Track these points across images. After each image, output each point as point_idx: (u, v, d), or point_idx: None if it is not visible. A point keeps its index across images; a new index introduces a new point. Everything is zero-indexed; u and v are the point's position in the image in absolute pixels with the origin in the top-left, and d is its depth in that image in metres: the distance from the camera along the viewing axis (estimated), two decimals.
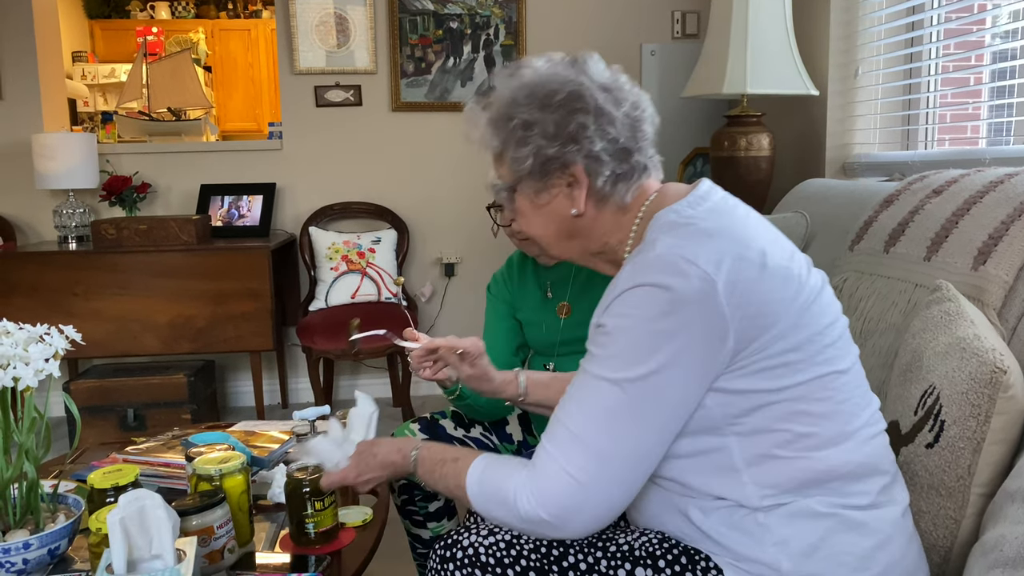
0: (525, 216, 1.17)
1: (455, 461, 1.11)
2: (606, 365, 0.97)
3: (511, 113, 1.10)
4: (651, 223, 1.06)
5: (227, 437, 1.62)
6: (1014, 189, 1.42)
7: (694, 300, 0.93)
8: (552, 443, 0.99)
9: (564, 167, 1.08)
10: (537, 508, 0.98)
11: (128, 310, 3.24)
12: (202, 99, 4.92)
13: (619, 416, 0.96)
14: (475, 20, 3.81)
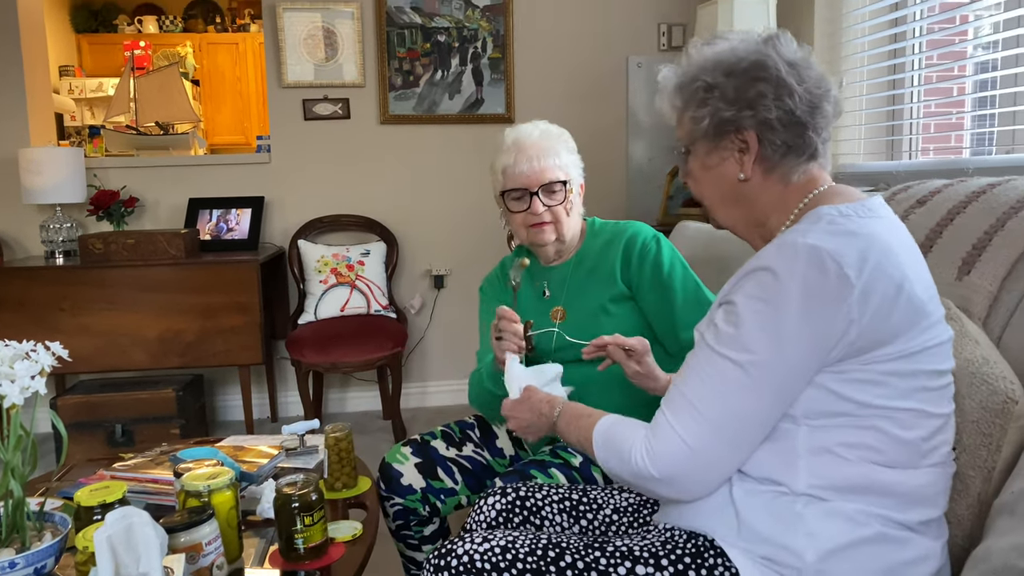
0: (696, 178, 1.22)
1: (589, 417, 1.22)
2: (731, 343, 1.02)
3: (697, 76, 1.15)
4: (811, 212, 1.07)
5: (216, 452, 1.61)
6: (996, 199, 1.44)
7: (828, 297, 0.97)
8: (671, 410, 1.05)
9: (738, 131, 1.12)
10: (648, 466, 1.04)
11: (116, 325, 3.22)
12: (190, 113, 4.92)
13: (735, 392, 1.01)
14: (462, 33, 3.82)
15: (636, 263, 1.70)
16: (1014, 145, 2.21)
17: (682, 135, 1.20)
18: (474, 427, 1.87)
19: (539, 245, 1.75)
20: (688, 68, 1.17)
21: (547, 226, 1.71)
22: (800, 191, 1.13)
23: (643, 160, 4.01)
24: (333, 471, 1.66)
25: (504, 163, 1.73)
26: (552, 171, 1.70)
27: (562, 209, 1.71)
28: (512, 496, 1.33)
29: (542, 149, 1.71)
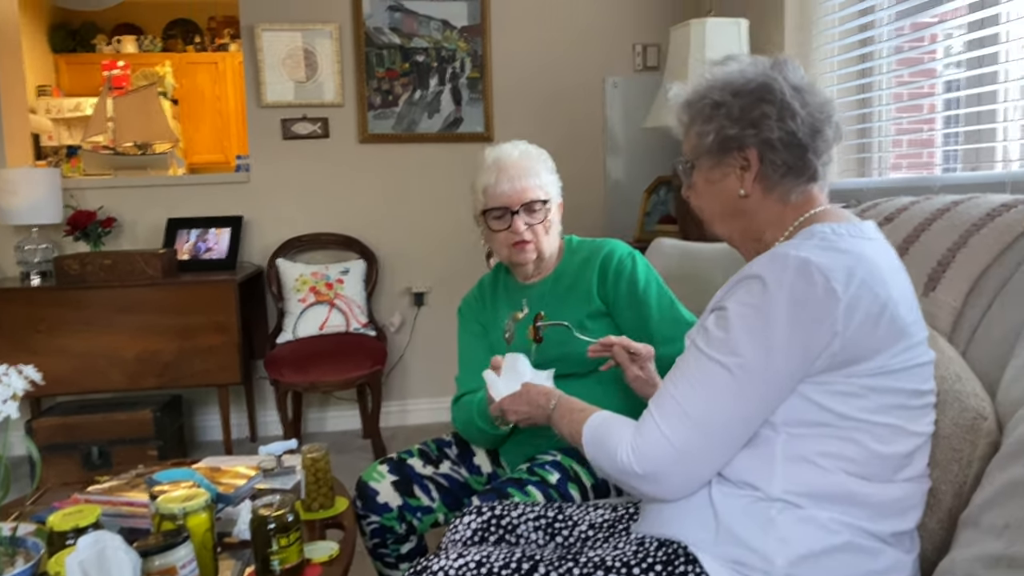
0: (698, 191, 1.26)
1: (581, 412, 1.27)
2: (720, 348, 1.05)
3: (705, 94, 1.19)
4: (805, 229, 1.12)
5: (192, 474, 1.61)
6: (959, 217, 1.47)
7: (815, 308, 1.00)
8: (658, 409, 1.09)
9: (740, 148, 1.16)
10: (633, 463, 1.08)
11: (93, 346, 3.20)
12: (168, 133, 4.91)
13: (721, 395, 1.05)
14: (441, 54, 3.85)
15: (612, 280, 1.72)
16: (979, 163, 2.26)
17: (687, 149, 1.25)
18: (451, 445, 1.87)
19: (519, 264, 1.77)
20: (698, 86, 1.21)
21: (528, 245, 1.73)
22: (797, 210, 1.17)
23: (620, 177, 4.04)
24: (310, 491, 1.66)
25: (485, 182, 1.74)
26: (533, 190, 1.72)
27: (542, 228, 1.74)
28: (488, 514, 1.34)
29: (523, 169, 1.73)
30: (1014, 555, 0.85)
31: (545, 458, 1.68)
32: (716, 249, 2.31)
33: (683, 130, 1.25)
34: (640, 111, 3.80)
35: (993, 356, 1.26)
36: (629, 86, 4.00)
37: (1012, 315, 1.26)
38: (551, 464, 1.65)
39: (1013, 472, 0.91)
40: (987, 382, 1.20)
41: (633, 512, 1.36)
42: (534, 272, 1.80)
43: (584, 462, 1.69)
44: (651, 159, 3.99)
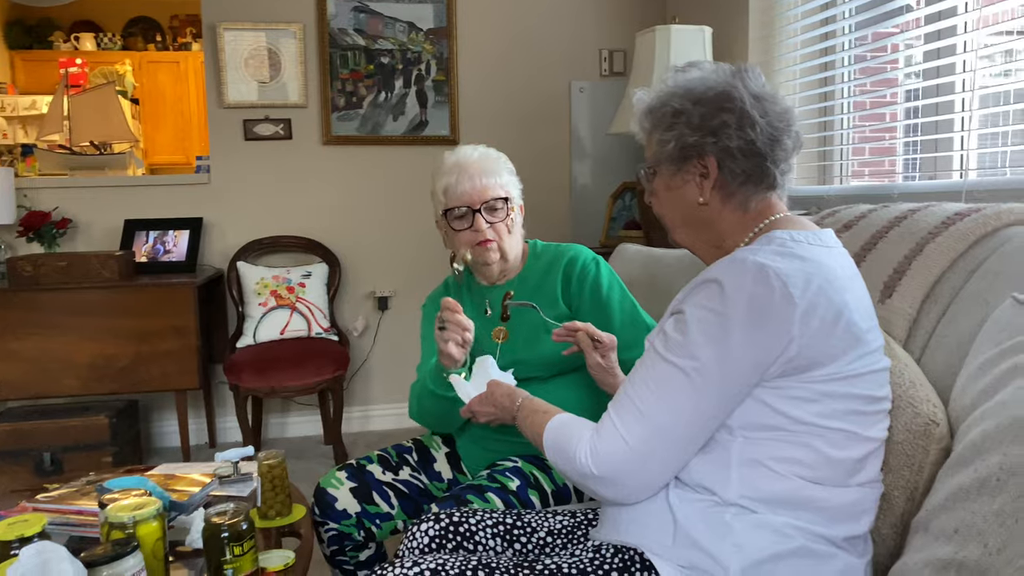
0: (659, 197, 1.27)
1: (544, 413, 1.26)
2: (677, 350, 1.06)
3: (667, 101, 1.20)
4: (764, 236, 1.13)
5: (144, 482, 1.57)
6: (916, 225, 1.49)
7: (771, 313, 1.01)
8: (616, 412, 1.10)
9: (699, 156, 1.17)
10: (591, 465, 1.09)
11: (46, 350, 3.13)
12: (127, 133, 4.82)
13: (678, 397, 1.05)
14: (406, 56, 3.83)
15: (576, 284, 1.73)
16: (937, 171, 2.30)
17: (649, 156, 1.25)
18: (412, 451, 1.85)
19: (484, 264, 1.75)
20: (660, 93, 1.22)
21: (491, 244, 1.72)
22: (757, 218, 1.18)
23: (586, 183, 4.05)
24: (266, 499, 1.63)
25: (446, 183, 1.74)
26: (494, 189, 1.73)
27: (503, 227, 1.74)
28: (445, 522, 1.33)
29: (483, 169, 1.73)
30: (963, 560, 0.86)
31: (505, 464, 1.68)
32: (679, 255, 2.32)
33: (645, 136, 1.26)
34: (606, 116, 3.81)
35: (947, 363, 1.27)
36: (595, 91, 4.01)
37: (965, 322, 1.28)
38: (511, 471, 1.64)
39: (963, 478, 0.92)
40: (940, 388, 1.22)
41: (592, 519, 1.36)
42: (499, 274, 1.79)
43: (545, 468, 1.68)
44: (617, 165, 4.00)
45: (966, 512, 0.89)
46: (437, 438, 1.91)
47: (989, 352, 1.05)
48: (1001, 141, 2.15)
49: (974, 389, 1.00)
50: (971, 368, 1.10)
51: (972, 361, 1.11)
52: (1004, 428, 0.89)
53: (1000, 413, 0.91)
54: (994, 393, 0.95)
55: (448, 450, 1.87)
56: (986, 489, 0.87)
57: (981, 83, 2.08)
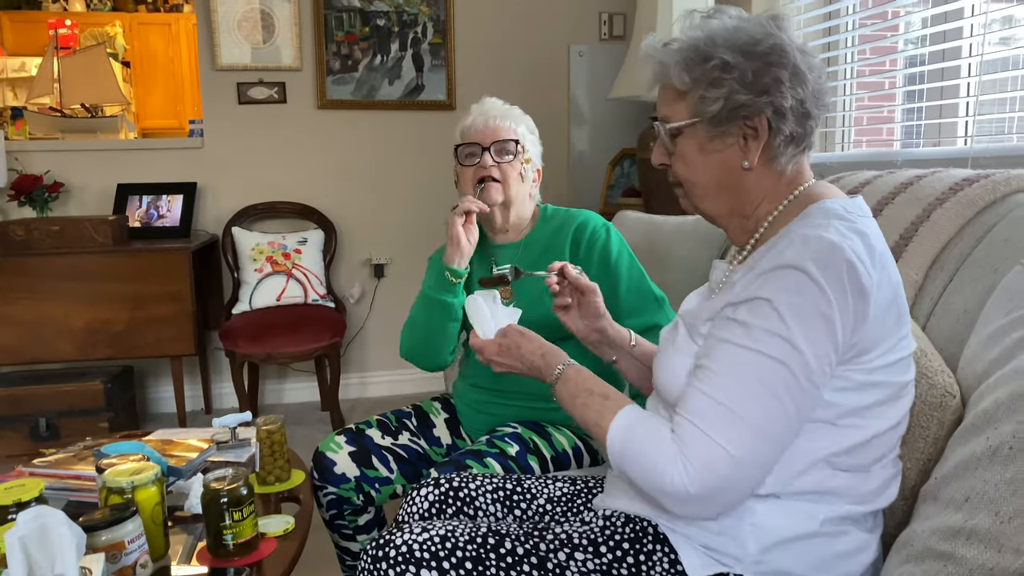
0: (686, 160, 1.12)
1: (604, 398, 1.10)
2: (772, 341, 0.95)
3: (710, 53, 1.05)
4: (815, 208, 1.05)
5: (142, 447, 1.56)
6: (922, 191, 1.47)
7: (853, 296, 0.95)
8: (699, 417, 0.97)
9: (749, 117, 1.06)
10: (687, 484, 0.95)
11: (40, 315, 3.10)
12: (118, 95, 4.75)
13: (780, 391, 0.95)
14: (402, 18, 3.77)
15: (585, 248, 1.72)
16: (940, 138, 2.27)
17: (675, 113, 1.10)
18: (411, 416, 1.85)
19: (486, 204, 1.74)
20: (697, 42, 1.07)
21: (495, 184, 1.71)
22: (791, 183, 1.11)
23: (585, 149, 4.01)
24: (265, 464, 1.63)
25: (464, 123, 1.79)
26: (506, 131, 1.75)
27: (511, 169, 1.73)
28: (445, 487, 1.32)
29: (503, 114, 1.77)
30: (973, 528, 0.85)
31: (505, 430, 1.67)
32: (679, 222, 2.30)
33: (674, 93, 1.10)
34: (606, 81, 3.76)
35: (953, 330, 1.26)
36: (595, 55, 3.96)
37: (972, 289, 1.27)
38: (511, 436, 1.64)
39: (974, 446, 0.91)
40: (946, 356, 1.21)
41: (593, 486, 1.35)
42: (502, 224, 1.79)
43: (544, 434, 1.68)
44: (616, 131, 3.96)
45: (977, 480, 0.88)
46: (436, 403, 1.90)
47: (1000, 320, 1.03)
48: (1009, 108, 2.12)
49: (985, 358, 0.98)
50: (981, 337, 1.09)
51: (982, 330, 1.10)
52: (1017, 396, 0.88)
53: (1012, 381, 0.90)
54: (1006, 362, 0.94)
55: (447, 416, 1.87)
56: (998, 457, 0.86)
57: (987, 49, 2.05)
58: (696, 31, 1.08)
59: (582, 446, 1.72)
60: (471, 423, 1.81)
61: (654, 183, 3.04)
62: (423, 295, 1.74)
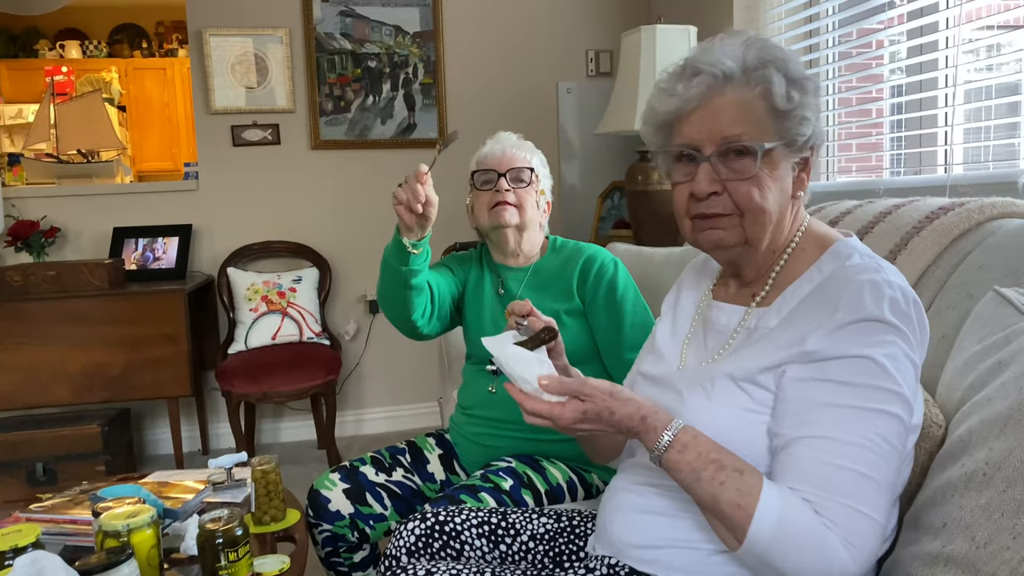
0: (762, 185, 1.03)
1: (739, 473, 0.95)
2: (880, 398, 0.92)
3: (804, 75, 1.03)
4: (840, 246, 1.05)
5: (138, 490, 1.57)
6: (900, 219, 1.50)
7: (923, 330, 0.98)
8: (844, 493, 0.91)
9: (813, 147, 1.06)
10: (850, 565, 0.90)
11: (37, 360, 3.12)
12: (114, 140, 4.80)
13: (895, 444, 0.93)
14: (393, 59, 3.83)
15: (593, 280, 1.77)
16: (922, 166, 2.32)
17: (756, 134, 1.02)
18: (405, 452, 1.86)
19: (501, 226, 1.79)
20: (793, 62, 1.04)
21: (510, 207, 1.78)
22: (798, 218, 1.10)
23: (575, 183, 4.06)
24: (261, 504, 1.64)
25: (481, 152, 1.87)
26: (522, 160, 1.83)
27: (526, 195, 1.81)
28: (431, 520, 1.33)
29: (518, 145, 1.86)
30: (951, 554, 0.87)
31: (499, 464, 1.69)
32: (668, 253, 2.33)
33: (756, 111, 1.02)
34: (594, 116, 3.82)
35: (932, 356, 1.28)
36: (582, 91, 4.02)
37: (950, 316, 1.29)
38: (505, 470, 1.65)
39: (951, 473, 0.93)
40: (924, 381, 1.23)
41: (577, 524, 1.35)
42: (514, 248, 1.85)
43: (539, 468, 1.69)
44: (605, 164, 4.01)
45: (954, 506, 0.90)
46: (430, 439, 1.92)
47: (974, 347, 1.06)
48: (984, 136, 2.17)
49: (961, 385, 1.01)
50: (956, 363, 1.11)
51: (957, 356, 1.13)
52: (989, 423, 0.90)
53: (984, 408, 0.92)
54: (980, 389, 0.96)
55: (441, 451, 1.88)
56: (973, 484, 0.88)
57: (964, 78, 2.10)
58: (777, 50, 1.04)
59: (576, 479, 1.73)
60: (467, 455, 1.83)
61: (643, 215, 3.08)
62: (384, 259, 1.71)
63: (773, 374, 1.00)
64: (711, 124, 1.03)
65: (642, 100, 2.90)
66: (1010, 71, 2.06)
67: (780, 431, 0.98)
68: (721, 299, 1.18)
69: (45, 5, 3.71)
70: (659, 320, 1.32)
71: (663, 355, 1.21)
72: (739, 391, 1.02)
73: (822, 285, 1.02)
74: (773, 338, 1.02)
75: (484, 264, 1.94)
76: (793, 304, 1.04)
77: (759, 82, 1.02)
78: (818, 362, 0.96)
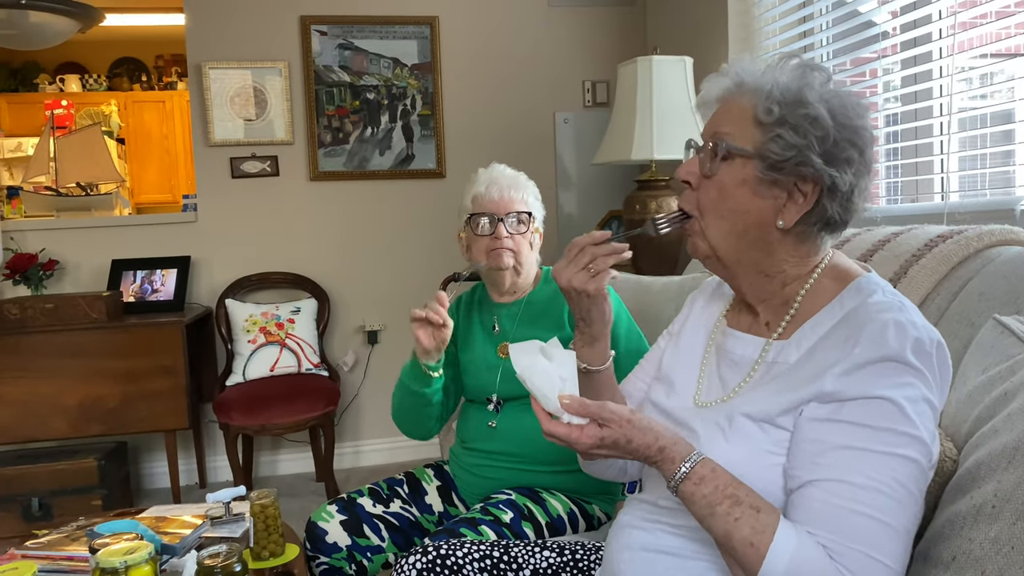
0: (722, 188, 1.04)
1: (756, 511, 0.92)
2: (898, 442, 0.91)
3: (807, 99, 1.00)
4: (862, 282, 1.04)
5: (136, 525, 1.56)
6: (899, 247, 1.51)
7: (945, 372, 0.97)
8: (859, 540, 0.89)
9: (805, 179, 1.01)
10: None
11: (33, 393, 3.10)
12: (113, 173, 4.82)
13: (912, 489, 0.91)
14: (391, 91, 3.86)
15: None
16: (918, 194, 2.33)
17: (740, 137, 1.03)
18: (403, 483, 1.85)
19: (498, 269, 1.80)
20: (797, 82, 1.02)
21: (507, 251, 1.78)
22: (813, 252, 1.08)
23: (572, 212, 4.08)
24: (259, 539, 1.62)
25: (476, 192, 1.84)
26: (519, 203, 1.82)
27: (524, 240, 1.81)
28: (432, 554, 1.31)
29: (514, 184, 1.84)
30: None
31: (499, 497, 1.67)
32: (666, 282, 2.33)
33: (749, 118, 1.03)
34: (591, 146, 3.85)
35: None
36: (579, 122, 4.05)
37: (951, 345, 1.27)
38: (505, 503, 1.64)
39: (960, 506, 0.92)
40: None
41: (580, 557, 1.34)
42: (510, 287, 1.84)
43: (539, 500, 1.68)
44: (602, 193, 4.03)
45: (963, 539, 0.89)
46: (429, 471, 1.90)
47: (978, 378, 1.05)
48: (980, 163, 2.18)
49: (968, 416, 1.00)
50: (961, 394, 1.10)
51: (961, 387, 1.12)
52: (996, 455, 0.89)
53: (992, 440, 0.92)
54: (987, 420, 0.96)
55: (440, 483, 1.87)
56: (982, 516, 0.87)
57: (959, 106, 2.12)
58: (797, 73, 1.04)
59: (577, 511, 1.72)
60: (467, 487, 1.81)
61: (641, 244, 3.09)
62: (400, 382, 1.78)
63: (792, 416, 0.98)
64: (714, 121, 1.08)
65: (640, 130, 2.92)
66: (1004, 99, 2.08)
67: (794, 472, 0.96)
68: (735, 327, 1.16)
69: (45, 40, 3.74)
70: (665, 341, 1.29)
71: (674, 385, 1.19)
72: (758, 432, 1.00)
73: (844, 320, 1.00)
74: (792, 375, 1.01)
75: (475, 302, 1.94)
76: (813, 340, 1.02)
77: (754, 89, 1.04)
78: (836, 402, 0.94)
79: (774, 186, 1.02)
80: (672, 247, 3.06)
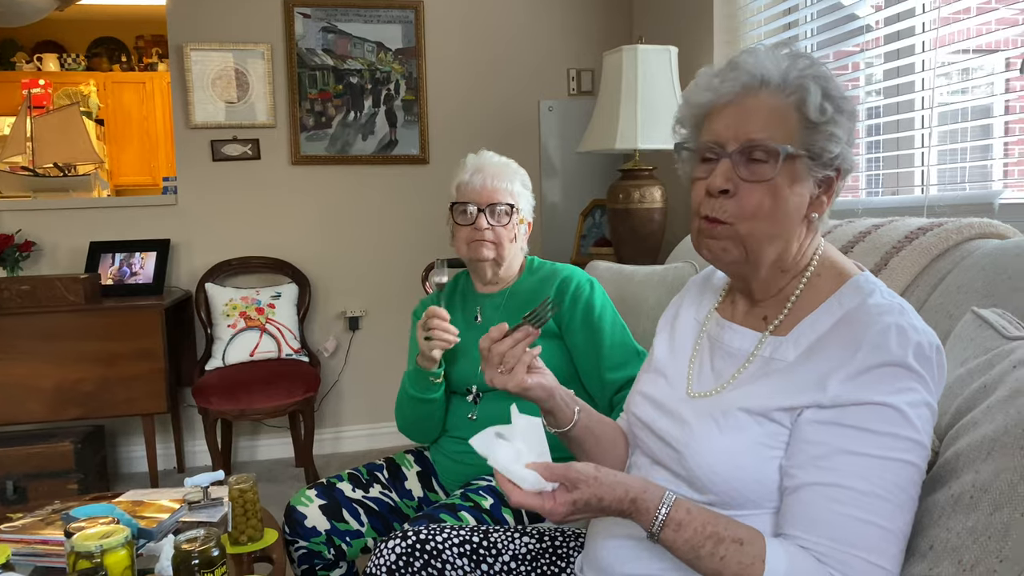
0: (776, 192, 1.01)
1: (739, 544, 0.93)
2: (899, 446, 0.91)
3: (839, 91, 1.01)
4: (860, 280, 1.03)
5: (112, 509, 1.54)
6: (880, 239, 1.52)
7: (942, 374, 0.97)
8: (854, 546, 0.90)
9: (838, 171, 1.03)
10: None
11: (9, 376, 3.06)
12: (92, 154, 4.75)
13: (910, 492, 0.92)
14: (375, 75, 3.84)
15: (569, 302, 1.75)
16: (899, 187, 2.35)
17: (782, 139, 1.00)
18: (383, 469, 1.85)
19: (477, 260, 1.79)
20: (823, 78, 1.02)
21: (487, 244, 1.76)
22: (813, 242, 1.08)
23: (556, 200, 4.07)
24: (238, 524, 1.61)
25: (461, 179, 1.82)
26: (503, 194, 1.79)
27: (505, 232, 1.78)
28: (412, 539, 1.31)
29: (499, 174, 1.81)
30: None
31: (479, 483, 1.67)
32: (649, 271, 2.34)
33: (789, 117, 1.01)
34: (575, 134, 3.84)
35: None
36: (564, 110, 4.04)
37: None
38: (485, 489, 1.64)
39: (939, 495, 0.93)
40: None
41: (560, 544, 1.34)
42: (492, 278, 1.83)
43: None
44: (586, 182, 4.03)
45: (941, 529, 0.90)
46: (409, 456, 1.90)
47: (957, 371, 1.06)
48: (960, 157, 2.20)
49: (948, 409, 1.00)
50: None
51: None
52: (975, 446, 0.90)
53: (971, 432, 0.93)
54: (966, 412, 0.97)
55: (420, 468, 1.86)
56: (960, 506, 0.88)
57: (940, 100, 2.13)
58: (812, 66, 1.03)
59: None
60: (447, 474, 1.81)
61: (625, 233, 3.09)
62: (409, 395, 1.77)
63: (789, 415, 0.98)
64: (739, 123, 1.03)
65: (624, 119, 2.92)
66: (983, 94, 2.10)
67: (793, 472, 0.96)
68: (729, 318, 1.15)
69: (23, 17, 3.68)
70: (656, 337, 1.29)
71: (665, 375, 1.18)
72: (753, 425, 1.00)
73: (843, 321, 1.00)
74: (791, 373, 1.00)
75: (458, 292, 1.92)
76: (812, 338, 1.01)
77: (795, 91, 1.01)
78: (838, 407, 0.94)
79: (812, 180, 1.02)
80: (654, 237, 3.06)
